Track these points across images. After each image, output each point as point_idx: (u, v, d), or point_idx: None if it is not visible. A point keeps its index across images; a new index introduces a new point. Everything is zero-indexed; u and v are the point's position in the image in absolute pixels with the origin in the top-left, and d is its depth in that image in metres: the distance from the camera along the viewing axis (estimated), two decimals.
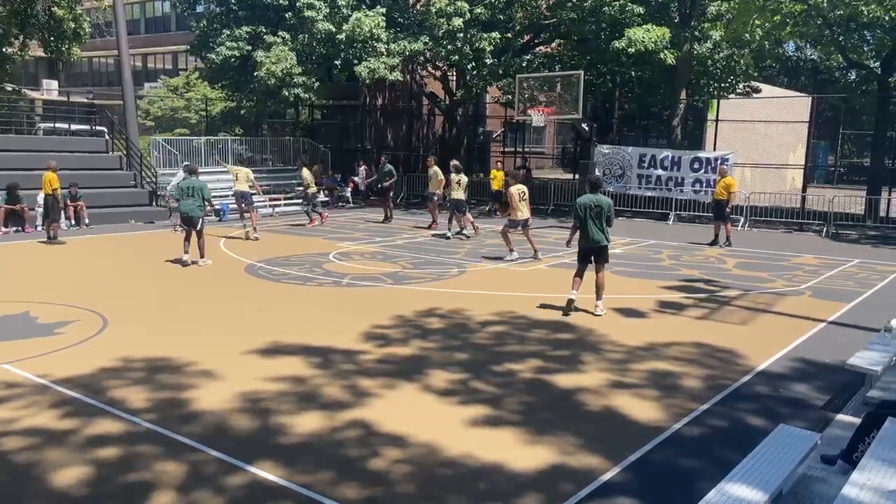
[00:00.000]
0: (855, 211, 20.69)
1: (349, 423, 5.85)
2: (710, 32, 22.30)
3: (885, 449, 4.07)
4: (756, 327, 9.22)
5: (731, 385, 6.95)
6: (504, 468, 5.13)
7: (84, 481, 4.83)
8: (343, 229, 18.56)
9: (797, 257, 15.09)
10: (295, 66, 23.26)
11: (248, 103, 27.04)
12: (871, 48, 22.06)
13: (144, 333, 8.41)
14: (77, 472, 4.94)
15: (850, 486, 3.69)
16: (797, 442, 4.41)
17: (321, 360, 7.48)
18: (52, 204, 15.81)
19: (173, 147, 23.51)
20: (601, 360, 7.65)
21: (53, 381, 6.68)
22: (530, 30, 26.61)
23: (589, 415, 6.20)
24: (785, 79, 37.73)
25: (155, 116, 39.33)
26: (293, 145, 28.05)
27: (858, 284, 12.09)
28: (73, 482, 4.82)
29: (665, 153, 22.20)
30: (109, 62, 50.31)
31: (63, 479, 4.85)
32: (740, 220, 20.10)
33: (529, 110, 19.69)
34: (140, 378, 6.84)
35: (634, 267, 13.55)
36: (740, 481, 3.86)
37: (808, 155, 23.46)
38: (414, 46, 23.44)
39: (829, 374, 7.25)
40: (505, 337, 8.51)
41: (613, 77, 25.27)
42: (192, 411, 6.07)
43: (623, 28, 20.84)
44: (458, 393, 6.61)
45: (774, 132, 28.04)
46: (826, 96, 29.10)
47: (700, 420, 6.09)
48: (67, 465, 5.04)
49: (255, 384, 6.69)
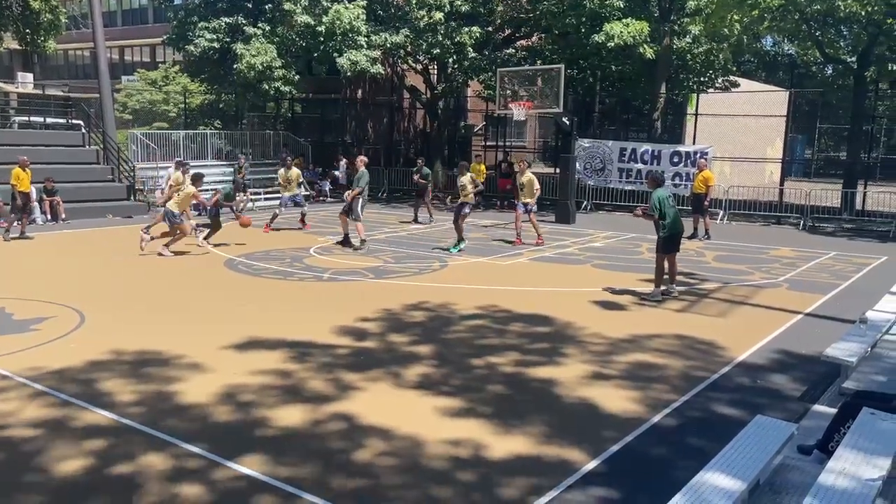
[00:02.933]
0: (831, 204, 20.95)
1: (332, 416, 5.84)
2: (690, 27, 22.45)
3: (860, 438, 4.14)
4: (734, 319, 9.31)
5: (710, 376, 7.01)
6: (486, 459, 5.15)
7: (65, 476, 4.78)
8: (324, 224, 18.48)
9: (775, 250, 15.25)
10: (275, 59, 23.07)
11: (227, 96, 26.80)
12: (848, 43, 22.29)
13: (122, 329, 8.32)
14: (57, 467, 4.88)
15: (826, 475, 3.75)
16: (774, 432, 4.47)
17: (302, 353, 7.45)
18: (17, 199, 15.50)
19: (151, 141, 23.25)
20: (582, 353, 7.69)
21: (30, 378, 6.59)
22: (511, 24, 26.60)
23: (570, 406, 6.23)
24: (763, 73, 38.07)
25: (133, 110, 38.87)
26: (273, 139, 27.86)
27: (835, 276, 12.25)
28: (55, 476, 4.76)
29: (645, 147, 22.34)
30: (86, 55, 49.62)
31: (41, 475, 4.79)
32: (719, 214, 20.28)
33: (510, 104, 19.69)
34: (119, 373, 6.77)
35: (615, 260, 13.63)
36: (718, 471, 3.90)
37: (785, 149, 23.75)
38: (394, 39, 23.35)
39: (806, 365, 7.34)
40: (486, 330, 8.52)
41: (594, 71, 25.34)
42: (172, 406, 6.02)
43: (603, 22, 20.90)
44: (440, 385, 6.62)
45: (753, 126, 28.31)
46: (803, 91, 29.39)
47: (679, 411, 6.14)
48: (46, 460, 4.98)
49: (236, 378, 6.64)
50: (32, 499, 4.52)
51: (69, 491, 4.64)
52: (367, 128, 31.64)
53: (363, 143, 30.20)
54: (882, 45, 19.88)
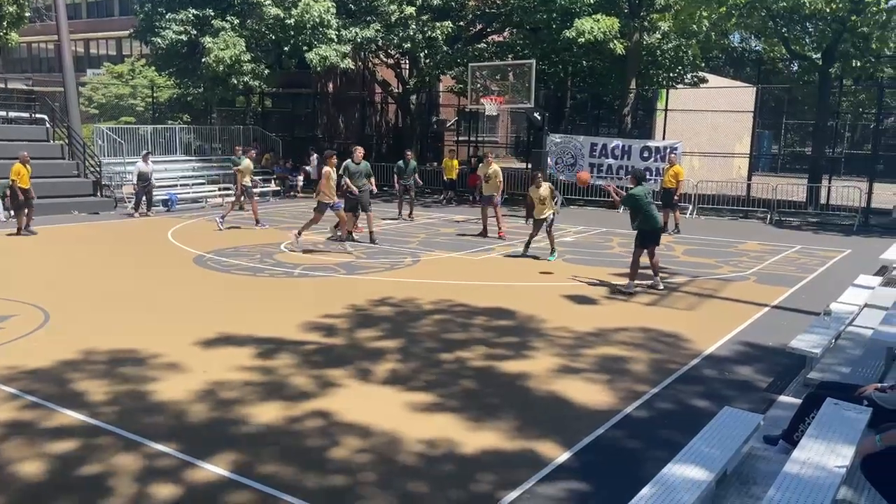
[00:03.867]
0: (797, 198, 21.31)
1: (307, 414, 5.80)
2: (659, 23, 22.61)
3: (824, 428, 4.21)
4: (703, 312, 9.43)
5: (679, 369, 7.10)
6: (460, 454, 5.16)
7: (28, 478, 4.68)
8: (296, 219, 18.33)
9: (742, 244, 15.47)
10: (244, 52, 22.78)
11: (195, 90, 26.42)
12: (813, 40, 22.61)
13: (88, 327, 8.18)
14: (23, 467, 4.78)
15: (791, 464, 3.81)
16: (741, 423, 4.53)
17: (273, 351, 7.39)
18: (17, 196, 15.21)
19: (118, 135, 22.86)
20: (552, 346, 7.73)
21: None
22: (483, 18, 26.60)
23: (540, 400, 6.26)
24: (731, 69, 38.54)
25: (99, 104, 38.14)
26: (244, 133, 27.57)
27: (800, 270, 12.47)
28: (22, 476, 4.66)
29: (616, 142, 22.49)
30: (50, 48, 48.55)
31: (4, 477, 4.70)
32: (688, 208, 20.51)
33: (482, 99, 19.71)
34: (84, 371, 6.65)
35: (586, 254, 13.72)
36: (687, 462, 3.95)
37: (752, 144, 24.07)
38: (365, 34, 23.20)
39: (772, 357, 7.46)
40: (456, 325, 8.52)
41: (565, 66, 25.45)
42: (141, 405, 5.93)
43: (574, 17, 20.98)
44: (412, 381, 6.61)
45: (721, 122, 28.67)
46: (770, 87, 29.83)
47: (649, 403, 6.20)
48: (11, 460, 4.88)
49: (208, 376, 6.57)
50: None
51: (32, 493, 4.55)
52: (339, 122, 31.43)
53: (335, 137, 30.00)
54: (846, 41, 20.20)
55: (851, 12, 18.82)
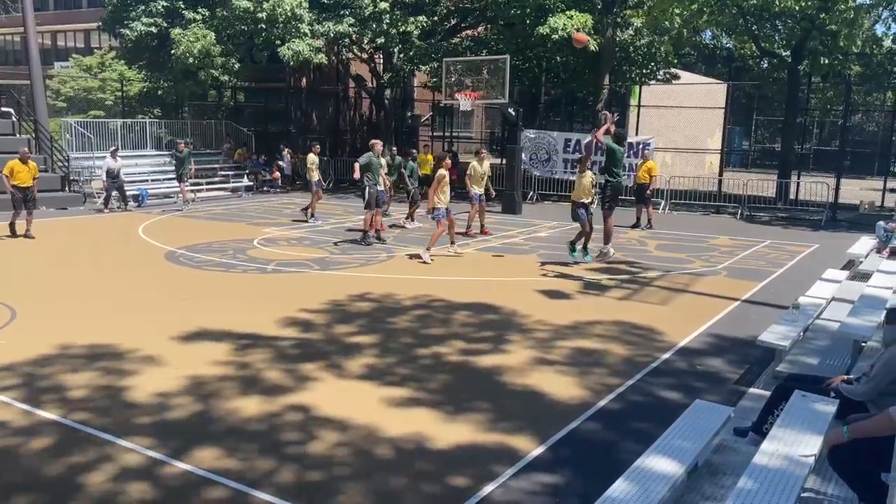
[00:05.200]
0: (767, 194, 21.62)
1: (284, 409, 5.79)
2: (632, 19, 22.77)
3: (792, 420, 4.28)
4: (675, 306, 9.54)
5: (652, 362, 7.17)
6: (436, 449, 5.17)
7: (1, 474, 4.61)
8: (268, 214, 18.19)
9: (714, 239, 15.66)
10: (214, 45, 22.48)
11: (166, 84, 26.04)
12: (783, 38, 22.94)
13: (56, 324, 8.04)
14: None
15: (761, 455, 3.87)
16: (712, 416, 4.60)
17: (249, 346, 7.33)
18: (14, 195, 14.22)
19: (87, 130, 22.47)
20: (527, 340, 7.77)
21: None
22: (457, 13, 26.55)
23: (515, 394, 6.29)
24: (703, 66, 38.94)
25: (67, 97, 37.47)
26: (215, 128, 27.25)
27: (769, 264, 12.66)
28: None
29: (589, 138, 22.58)
30: (16, 39, 47.53)
31: None
32: (661, 204, 20.71)
33: (457, 94, 19.68)
34: (55, 369, 6.55)
35: (560, 250, 13.78)
36: (659, 454, 4.00)
37: (724, 140, 24.36)
38: (339, 28, 23.03)
39: (742, 350, 7.57)
40: (431, 320, 8.53)
41: (539, 62, 25.50)
42: (114, 401, 5.85)
43: (547, 14, 21.04)
44: (388, 376, 6.61)
45: (693, 118, 28.95)
46: (740, 83, 30.20)
47: (622, 396, 6.26)
48: None
49: (181, 371, 6.50)
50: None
51: (1, 493, 4.48)
52: (313, 117, 31.17)
53: (308, 132, 29.76)
54: (815, 39, 20.54)
55: (820, 10, 19.13)
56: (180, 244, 13.41)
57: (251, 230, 15.43)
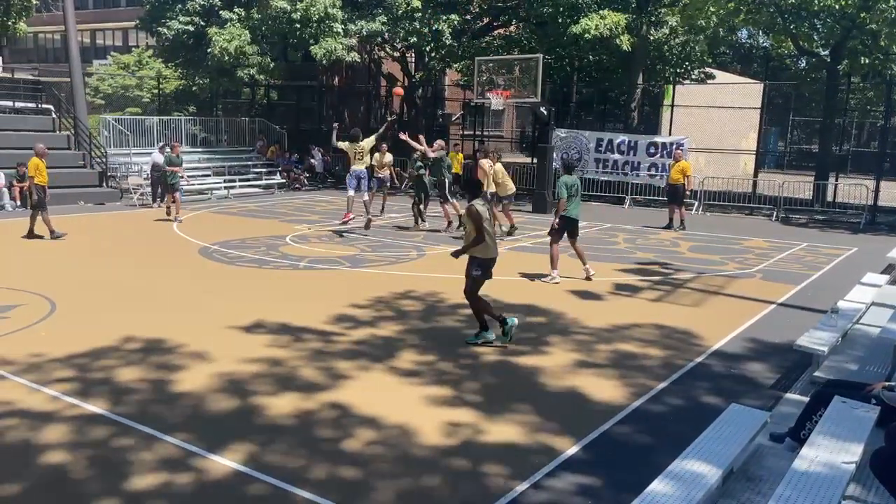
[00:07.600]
0: (803, 196, 21.24)
1: (323, 406, 5.84)
2: (667, 18, 22.53)
3: (832, 426, 4.21)
4: (709, 309, 9.43)
5: (687, 365, 7.10)
6: (472, 446, 5.19)
7: (50, 465, 4.71)
8: (300, 211, 18.35)
9: (748, 241, 15.44)
10: (249, 44, 22.74)
11: (201, 81, 26.39)
12: (821, 37, 22.50)
13: (94, 318, 8.21)
14: (42, 457, 4.81)
15: (800, 461, 3.82)
16: (748, 420, 4.54)
17: (285, 343, 7.40)
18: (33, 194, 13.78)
19: (124, 126, 22.88)
20: (565, 342, 7.75)
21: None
22: (489, 12, 26.51)
23: (553, 394, 6.28)
24: (738, 66, 38.42)
25: (105, 94, 38.16)
26: (248, 126, 27.56)
27: (806, 267, 12.44)
28: (41, 464, 4.69)
29: (621, 137, 22.44)
30: (56, 38, 48.64)
31: (28, 463, 4.72)
32: (694, 205, 20.47)
33: (488, 93, 19.64)
34: (95, 362, 6.68)
35: (591, 250, 13.65)
36: (694, 458, 3.96)
37: (759, 141, 23.99)
38: (371, 27, 23.15)
39: (779, 354, 7.46)
40: (469, 319, 8.52)
41: (571, 61, 25.37)
42: (155, 396, 5.96)
43: (580, 13, 20.91)
44: (428, 374, 6.63)
45: (728, 118, 28.56)
46: (777, 83, 29.71)
47: (658, 398, 6.21)
48: (30, 449, 4.91)
49: (219, 367, 6.59)
50: (14, 487, 4.46)
51: (52, 478, 4.58)
52: (344, 115, 31.36)
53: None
54: (855, 38, 20.10)
55: (860, 9, 18.74)
56: (213, 240, 13.59)
57: (283, 227, 15.58)
